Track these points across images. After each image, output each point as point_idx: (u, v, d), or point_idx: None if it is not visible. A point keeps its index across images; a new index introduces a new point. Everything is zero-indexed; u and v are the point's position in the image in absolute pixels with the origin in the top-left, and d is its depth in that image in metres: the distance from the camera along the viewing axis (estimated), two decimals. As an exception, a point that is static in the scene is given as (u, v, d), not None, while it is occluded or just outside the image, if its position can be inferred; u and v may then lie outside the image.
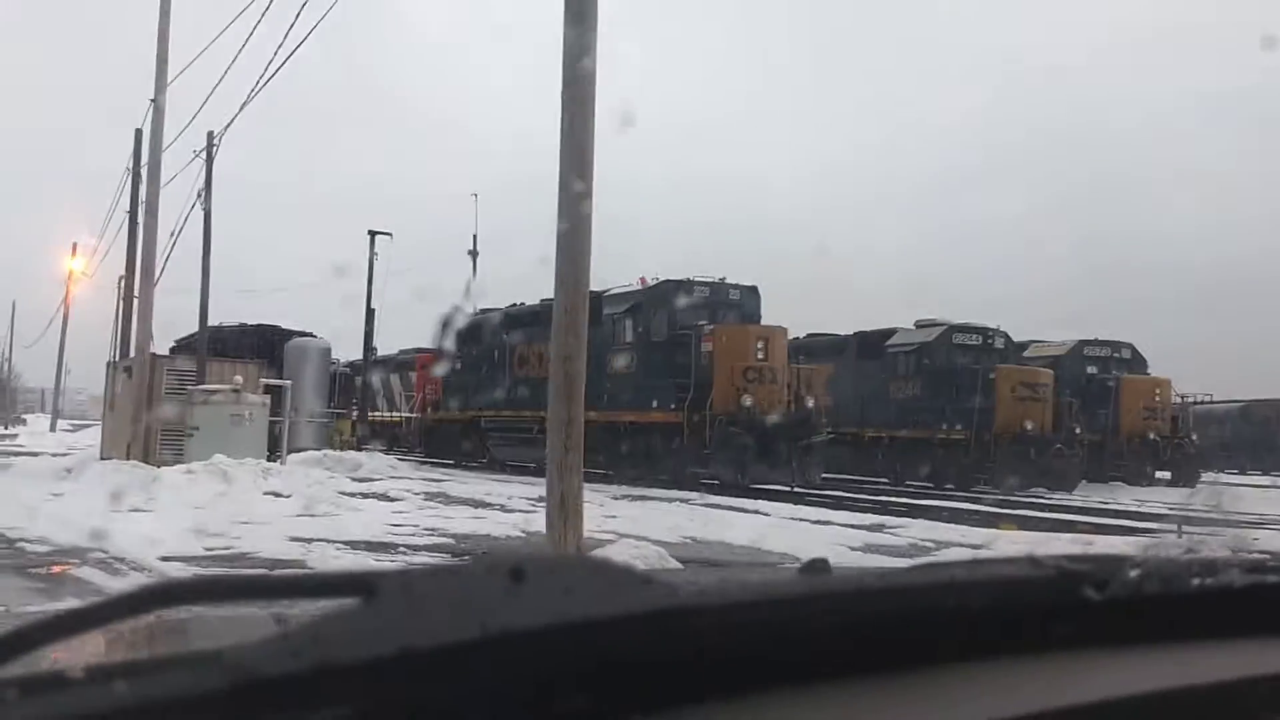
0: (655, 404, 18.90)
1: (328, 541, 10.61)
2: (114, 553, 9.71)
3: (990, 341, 24.49)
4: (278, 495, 15.97)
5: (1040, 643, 0.94)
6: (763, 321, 19.97)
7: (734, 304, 19.84)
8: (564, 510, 6.88)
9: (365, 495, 16.16)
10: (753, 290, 20.10)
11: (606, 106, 7.90)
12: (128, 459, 18.29)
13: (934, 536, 12.17)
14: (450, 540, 11.16)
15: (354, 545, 10.59)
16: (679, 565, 8.45)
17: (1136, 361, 27.67)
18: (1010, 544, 12.02)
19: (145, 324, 18.35)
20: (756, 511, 14.91)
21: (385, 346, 33.80)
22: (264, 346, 25.70)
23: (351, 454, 21.39)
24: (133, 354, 19.22)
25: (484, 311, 27.20)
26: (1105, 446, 25.35)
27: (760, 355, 18.33)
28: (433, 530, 11.96)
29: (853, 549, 11.15)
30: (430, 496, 16.31)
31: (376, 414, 32.48)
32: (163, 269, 18.57)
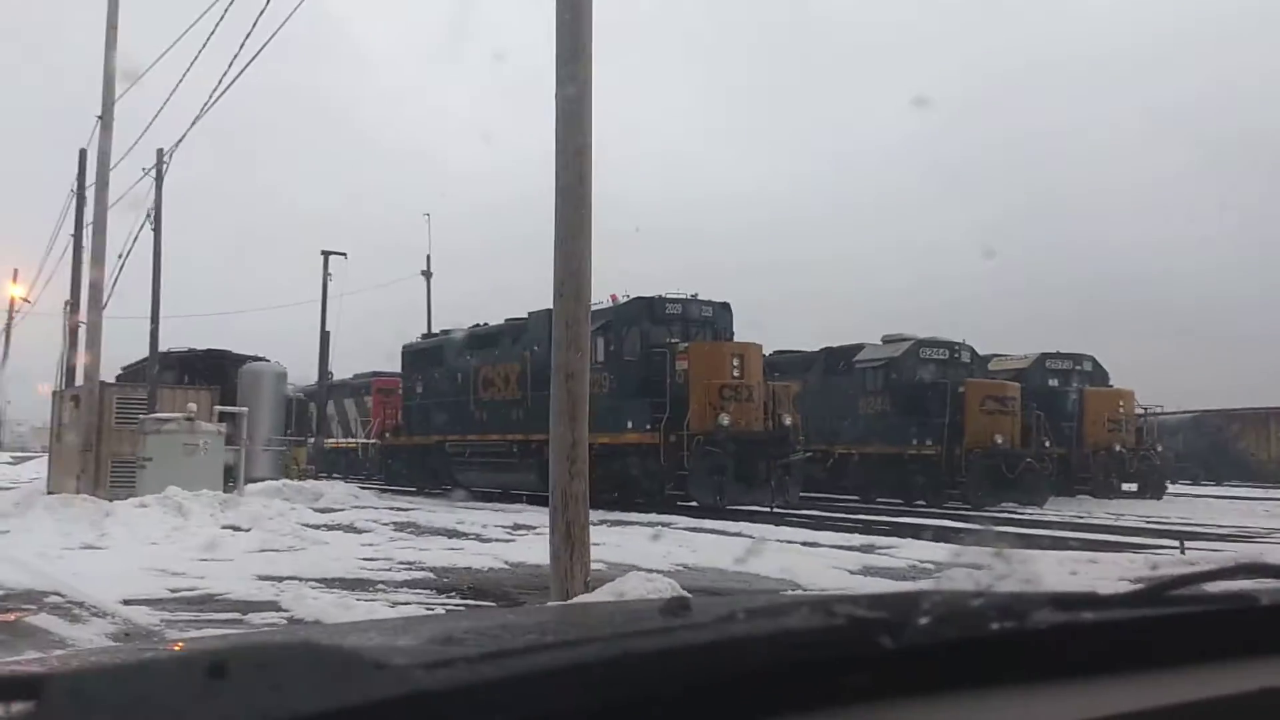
0: (630, 424, 18.39)
1: (299, 580, 9.98)
2: (71, 596, 9.04)
3: (957, 355, 24.33)
4: (236, 529, 15.24)
5: (832, 696, 0.91)
6: (734, 339, 19.59)
7: (706, 321, 19.43)
8: (570, 541, 6.37)
9: (330, 527, 15.48)
10: (725, 306, 19.71)
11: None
12: (77, 493, 17.43)
13: (930, 557, 11.77)
14: (429, 574, 10.57)
15: (328, 583, 9.97)
16: (688, 595, 7.96)
17: (1098, 374, 27.67)
18: (1019, 562, 11.63)
19: (94, 350, 17.53)
20: (740, 534, 14.46)
21: (341, 370, 33.01)
22: (215, 372, 24.86)
23: (311, 483, 20.65)
24: (79, 382, 18.36)
25: (445, 333, 26.58)
26: (1071, 459, 25.25)
27: (736, 373, 17.92)
28: (410, 564, 11.35)
29: (851, 572, 10.73)
30: (400, 527, 15.67)
31: (332, 440, 31.62)
32: (110, 292, 17.77)
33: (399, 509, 18.96)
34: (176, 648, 1.48)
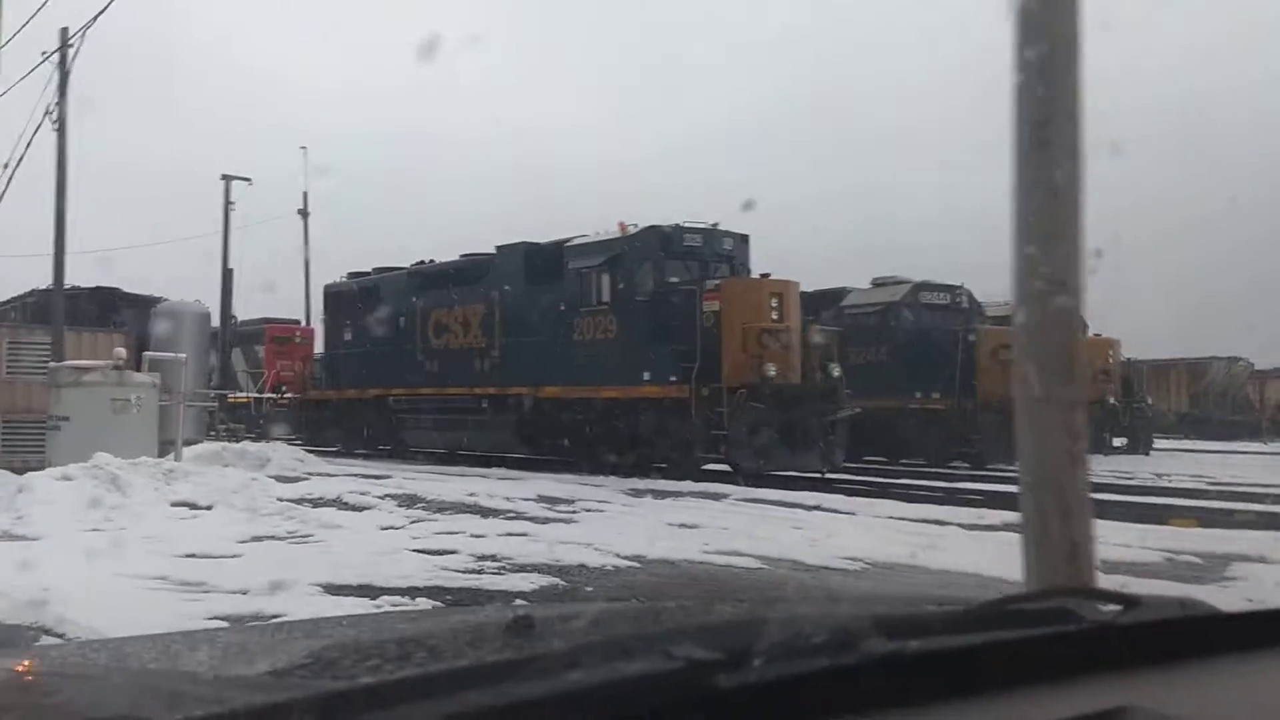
0: (648, 376, 15.65)
1: (384, 591, 7.07)
2: (51, 624, 6.04)
3: (958, 300, 22.36)
4: (194, 507, 12.01)
5: None
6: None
7: (726, 255, 16.75)
8: (1069, 526, 3.62)
9: (315, 502, 12.34)
10: (744, 239, 17.07)
11: None
12: (-39, 462, 13.76)
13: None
14: (554, 579, 7.73)
15: (403, 592, 7.12)
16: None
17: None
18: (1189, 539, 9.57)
19: (-18, 282, 13.78)
20: (835, 510, 11.98)
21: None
22: (102, 313, 21.00)
23: (253, 446, 17.25)
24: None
25: (381, 271, 23.17)
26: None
27: (775, 315, 15.35)
28: (491, 558, 8.51)
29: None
30: (403, 501, 12.64)
31: (239, 395, 27.83)
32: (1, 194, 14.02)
33: (370, 476, 15.81)
34: None
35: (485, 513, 11.70)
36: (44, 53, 14.66)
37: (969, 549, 9.10)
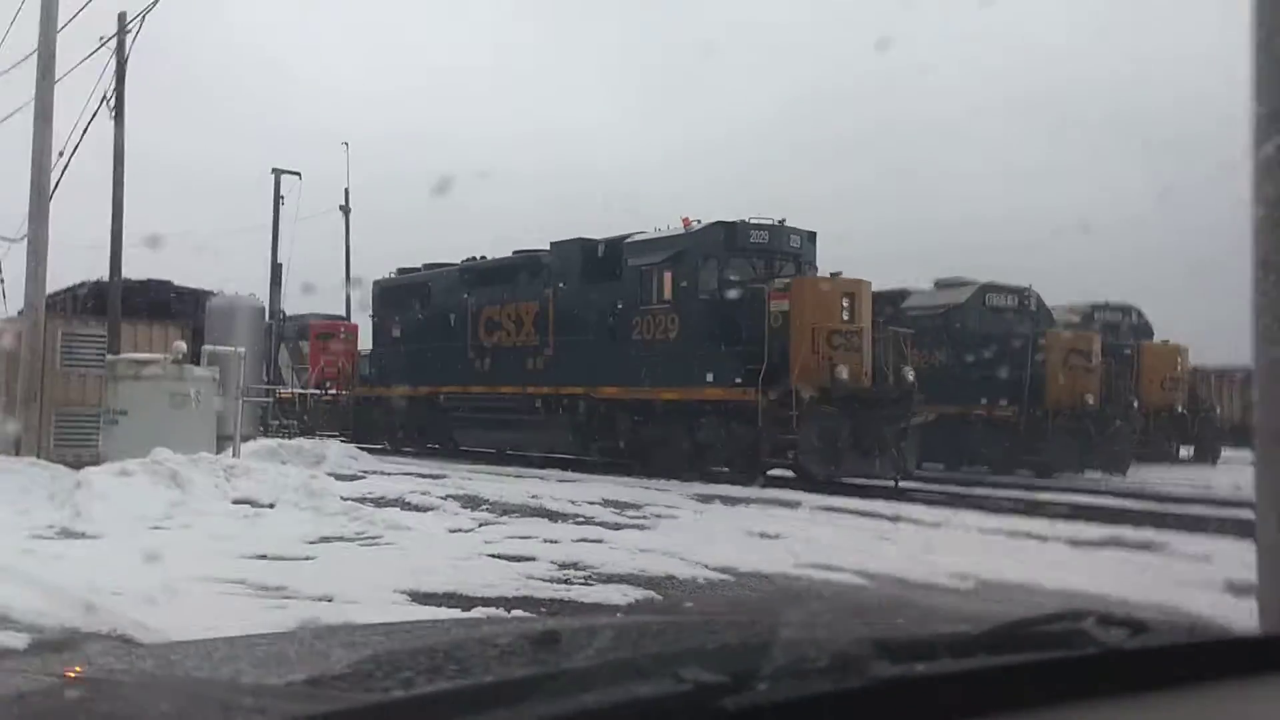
0: (711, 377, 15.17)
1: (474, 600, 6.66)
2: (129, 630, 5.72)
3: (1025, 303, 21.68)
4: (254, 504, 11.68)
5: None
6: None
7: (792, 254, 16.22)
8: None
9: (377, 501, 11.99)
10: (811, 237, 16.53)
11: None
12: (16, 455, 13.51)
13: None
14: (647, 592, 7.28)
15: (494, 602, 6.71)
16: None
17: (1143, 328, 25.44)
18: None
19: (38, 270, 13.54)
20: (918, 521, 11.43)
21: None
22: (155, 306, 20.77)
23: (309, 442, 16.94)
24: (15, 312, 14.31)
25: (431, 267, 22.82)
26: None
27: (846, 316, 14.84)
28: (574, 566, 8.10)
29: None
30: (466, 503, 12.26)
31: (286, 390, 27.62)
32: (55, 188, 13.76)
33: (426, 475, 15.44)
34: None
35: (553, 516, 11.29)
36: (101, 38, 14.37)
37: (1079, 566, 8.59)
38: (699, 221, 16.10)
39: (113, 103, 14.28)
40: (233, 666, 1.45)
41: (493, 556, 8.62)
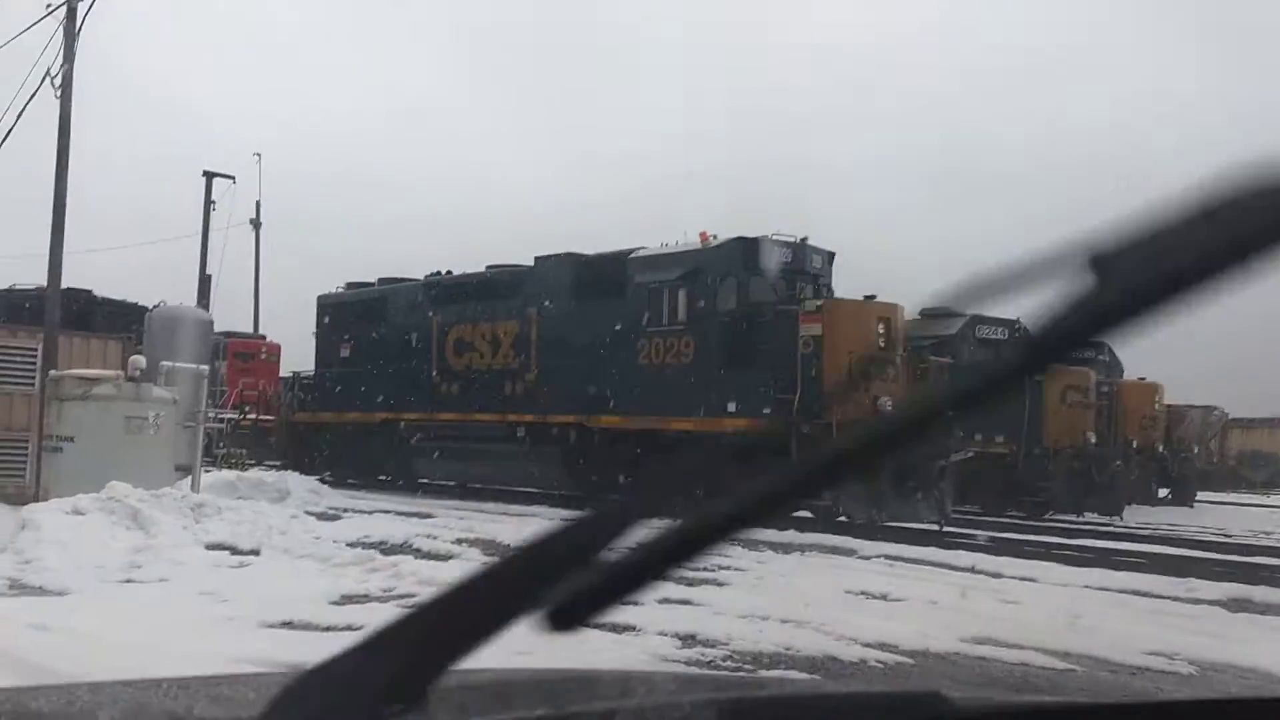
0: (733, 407, 13.73)
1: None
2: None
3: (1016, 336, 20.75)
4: (234, 551, 9.82)
5: None
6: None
7: (813, 275, 14.92)
8: None
9: (380, 548, 10.18)
10: (830, 258, 15.28)
11: None
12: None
13: None
14: (817, 675, 5.76)
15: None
16: None
17: (1115, 364, 24.83)
18: None
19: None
20: (998, 574, 10.12)
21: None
22: (78, 318, 18.54)
23: (269, 475, 14.92)
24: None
25: (386, 282, 20.94)
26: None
27: (881, 342, 13.58)
28: (689, 639, 6.53)
29: None
30: (483, 549, 10.54)
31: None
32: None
33: (409, 514, 13.63)
34: None
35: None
36: (48, 4, 12.34)
37: (1238, 634, 7.35)
38: (715, 237, 14.70)
39: (58, 80, 12.23)
40: (161, 706, 1.30)
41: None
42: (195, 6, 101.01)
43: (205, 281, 23.21)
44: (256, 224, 34.72)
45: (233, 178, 24.74)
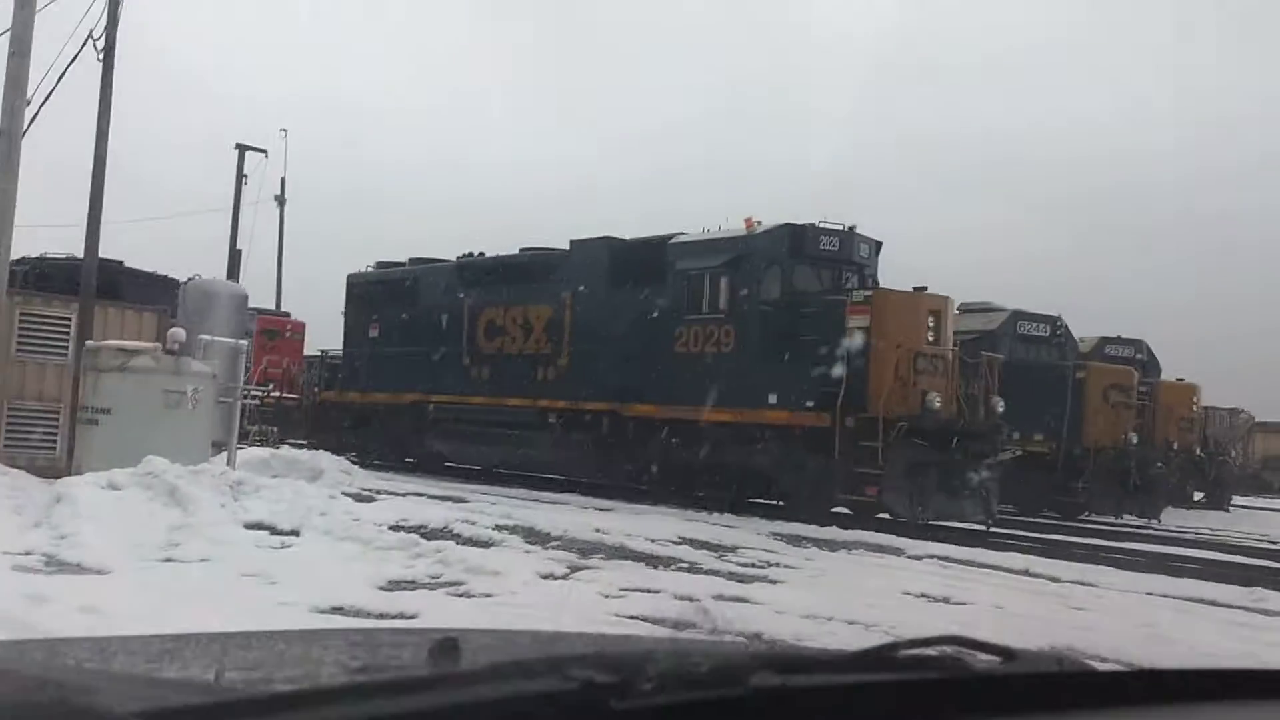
0: (774, 399, 13.45)
1: None
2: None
3: (1058, 333, 20.41)
4: (274, 531, 9.57)
5: None
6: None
7: (860, 264, 14.57)
8: None
9: (422, 533, 9.92)
10: (877, 248, 14.93)
11: None
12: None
13: None
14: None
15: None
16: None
17: (1152, 364, 24.41)
18: None
19: (1, 235, 11.22)
20: (1056, 578, 9.83)
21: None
22: (106, 288, 18.33)
23: (304, 454, 14.74)
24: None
25: (417, 262, 20.69)
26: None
27: (931, 336, 13.26)
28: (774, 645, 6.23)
29: None
30: (525, 536, 10.29)
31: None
32: (26, 130, 11.50)
33: (441, 498, 13.43)
34: None
35: (649, 560, 9.41)
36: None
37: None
38: (760, 223, 14.38)
39: (100, 43, 11.98)
40: (127, 662, 1.38)
41: (634, 618, 6.76)
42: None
43: (235, 256, 22.98)
44: (281, 200, 34.58)
45: (265, 151, 24.51)
